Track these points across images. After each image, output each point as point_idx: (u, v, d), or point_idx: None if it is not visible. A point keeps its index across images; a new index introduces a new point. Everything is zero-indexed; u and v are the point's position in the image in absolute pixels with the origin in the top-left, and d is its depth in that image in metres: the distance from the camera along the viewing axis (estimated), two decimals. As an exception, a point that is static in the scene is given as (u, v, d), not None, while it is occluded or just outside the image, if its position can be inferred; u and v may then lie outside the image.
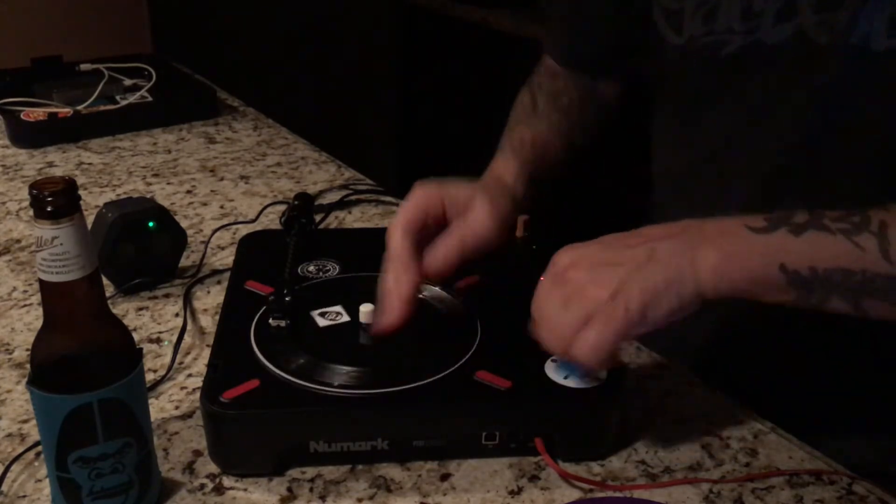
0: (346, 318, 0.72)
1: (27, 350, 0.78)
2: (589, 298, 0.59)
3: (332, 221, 1.04)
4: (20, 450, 0.65)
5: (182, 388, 0.73)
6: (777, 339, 0.78)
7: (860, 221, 0.59)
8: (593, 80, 0.89)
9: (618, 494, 0.62)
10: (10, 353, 0.77)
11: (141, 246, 0.85)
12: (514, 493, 0.62)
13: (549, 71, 0.90)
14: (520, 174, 0.78)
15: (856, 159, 0.70)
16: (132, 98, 1.35)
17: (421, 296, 0.76)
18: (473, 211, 0.70)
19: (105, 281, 0.82)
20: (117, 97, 1.36)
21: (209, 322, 0.82)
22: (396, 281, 0.66)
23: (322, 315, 0.72)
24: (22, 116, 1.27)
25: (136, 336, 0.70)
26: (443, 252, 0.68)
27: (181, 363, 0.76)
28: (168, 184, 1.14)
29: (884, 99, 0.67)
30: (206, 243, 0.96)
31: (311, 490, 0.62)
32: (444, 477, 0.63)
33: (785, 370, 0.80)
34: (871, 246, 0.58)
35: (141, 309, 0.85)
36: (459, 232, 0.69)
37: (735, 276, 0.59)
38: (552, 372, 0.65)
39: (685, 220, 0.63)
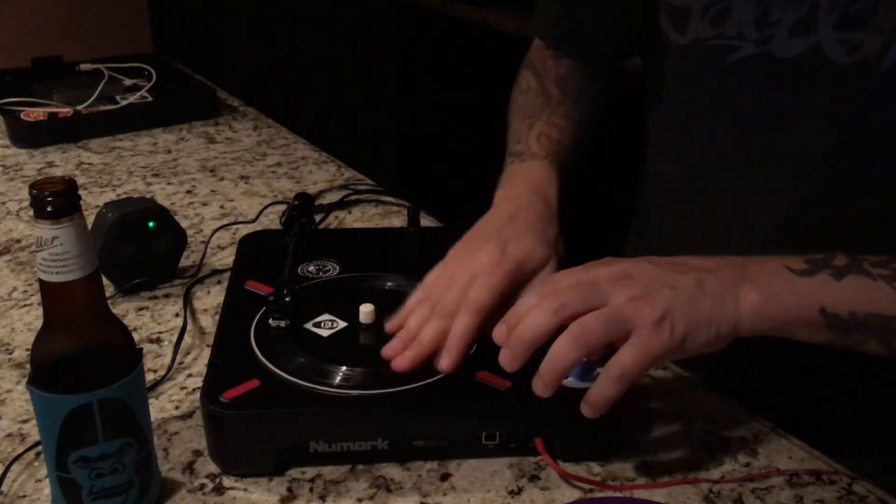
0: (342, 324, 0.71)
1: (27, 350, 0.78)
2: (635, 311, 0.58)
3: (332, 221, 1.04)
4: (20, 450, 0.65)
5: (182, 388, 0.73)
6: (777, 338, 0.78)
7: None
8: (593, 63, 0.87)
9: (618, 494, 0.62)
10: (10, 353, 0.77)
11: (141, 246, 0.85)
12: (514, 493, 0.62)
13: (552, 53, 0.87)
14: (559, 187, 0.75)
15: (870, 184, 0.70)
16: (132, 98, 1.35)
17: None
18: (542, 279, 0.69)
19: (105, 281, 0.82)
20: (117, 97, 1.36)
21: (209, 322, 0.83)
22: (469, 329, 0.64)
23: (317, 326, 0.71)
24: (22, 116, 1.27)
25: (136, 336, 0.70)
26: (508, 323, 0.66)
27: (181, 363, 0.76)
28: (168, 184, 1.14)
29: None
30: (206, 243, 0.96)
31: (311, 490, 0.62)
32: (444, 477, 0.64)
33: (785, 370, 0.80)
34: None
35: (141, 309, 0.85)
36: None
37: (775, 317, 0.60)
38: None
39: (724, 256, 0.63)
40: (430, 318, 0.66)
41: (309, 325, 0.71)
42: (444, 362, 0.64)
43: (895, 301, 0.59)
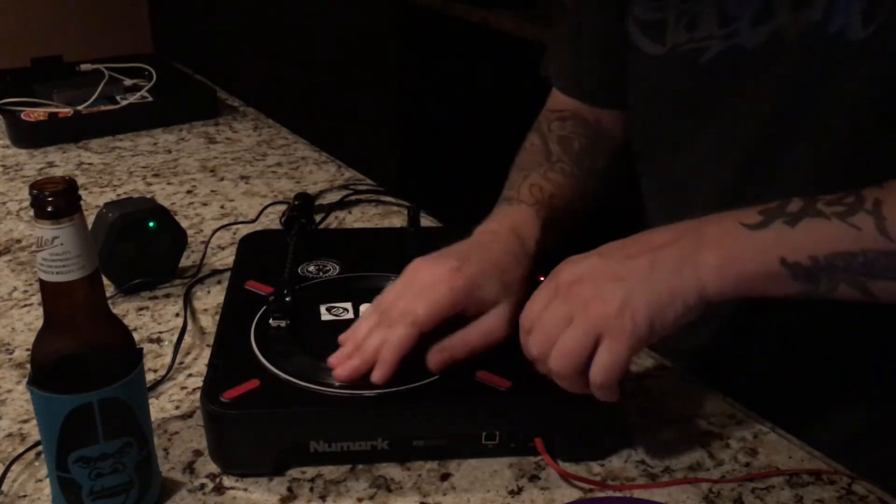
0: (350, 314, 0.72)
1: (27, 350, 0.78)
2: (595, 314, 0.59)
3: (332, 221, 1.04)
4: (20, 450, 0.65)
5: (182, 388, 0.73)
6: (777, 338, 0.78)
7: (854, 202, 0.58)
8: (601, 108, 0.87)
9: (618, 494, 0.62)
10: (11, 353, 0.77)
11: (141, 246, 0.85)
12: (514, 492, 0.62)
13: (558, 115, 0.88)
14: (542, 235, 0.75)
15: (842, 151, 0.69)
16: (132, 98, 1.35)
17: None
18: (492, 317, 0.68)
19: (105, 281, 0.82)
20: (117, 97, 1.36)
21: (209, 322, 0.83)
22: (400, 345, 0.64)
23: (329, 310, 0.72)
24: (22, 116, 1.27)
25: (136, 336, 0.70)
26: (450, 353, 0.66)
27: (181, 363, 0.76)
28: (168, 184, 1.14)
29: (865, 88, 0.66)
30: (207, 243, 0.96)
31: (311, 490, 0.62)
32: (444, 477, 0.64)
33: (785, 370, 0.80)
34: (867, 225, 0.57)
35: (141, 309, 0.85)
36: (472, 338, 0.67)
37: (737, 277, 0.59)
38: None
39: (682, 222, 0.63)
40: (376, 327, 0.66)
41: (323, 308, 0.72)
42: (375, 374, 0.64)
43: (853, 236, 0.57)
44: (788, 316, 0.70)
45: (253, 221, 1.03)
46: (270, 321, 0.70)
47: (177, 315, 0.84)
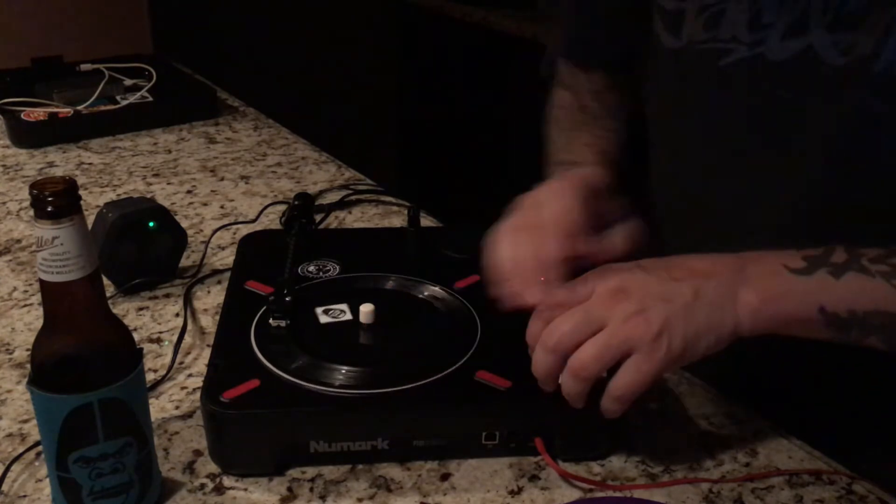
0: (348, 315, 0.72)
1: (27, 350, 0.78)
2: (634, 331, 0.59)
3: (332, 221, 1.04)
4: (20, 450, 0.65)
5: (182, 388, 0.73)
6: (777, 339, 0.78)
7: None
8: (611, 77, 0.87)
9: (618, 494, 0.62)
10: (11, 353, 0.77)
11: (141, 246, 0.85)
12: (514, 492, 0.62)
13: (582, 68, 0.87)
14: (613, 186, 0.76)
15: (873, 188, 0.69)
16: (132, 98, 1.35)
17: (421, 296, 0.76)
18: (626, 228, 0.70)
19: (105, 281, 0.82)
20: (118, 97, 1.36)
21: (209, 322, 0.83)
22: (559, 248, 0.65)
23: (326, 312, 0.72)
24: (22, 116, 1.27)
25: (136, 336, 0.70)
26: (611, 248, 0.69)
27: (181, 363, 0.76)
28: (168, 184, 1.14)
29: None
30: (207, 243, 0.96)
31: (311, 490, 0.62)
32: (445, 477, 0.64)
33: (785, 370, 0.80)
34: None
35: (141, 309, 0.85)
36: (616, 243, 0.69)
37: (773, 317, 0.60)
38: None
39: (725, 255, 0.63)
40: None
41: (319, 311, 0.72)
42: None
43: (894, 299, 0.59)
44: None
45: (253, 221, 1.03)
46: (270, 321, 0.70)
47: (177, 315, 0.84)
